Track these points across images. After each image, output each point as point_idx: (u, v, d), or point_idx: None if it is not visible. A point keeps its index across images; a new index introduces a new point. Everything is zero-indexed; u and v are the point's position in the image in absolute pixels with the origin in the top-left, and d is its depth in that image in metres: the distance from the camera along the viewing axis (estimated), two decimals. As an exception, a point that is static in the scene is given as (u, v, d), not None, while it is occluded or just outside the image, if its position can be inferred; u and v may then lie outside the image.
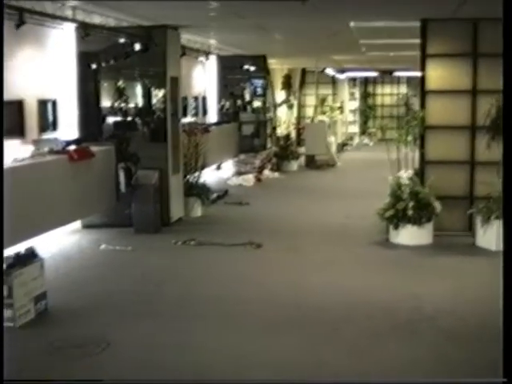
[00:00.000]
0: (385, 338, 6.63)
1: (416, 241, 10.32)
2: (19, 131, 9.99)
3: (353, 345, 6.45)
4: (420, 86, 11.07)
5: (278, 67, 26.19)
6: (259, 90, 21.58)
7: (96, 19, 10.83)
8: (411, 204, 10.22)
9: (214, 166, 18.24)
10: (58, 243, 10.27)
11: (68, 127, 11.33)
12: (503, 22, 4.28)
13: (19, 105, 10.00)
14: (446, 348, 6.33)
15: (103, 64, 11.45)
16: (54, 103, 11.03)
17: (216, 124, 18.75)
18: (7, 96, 9.55)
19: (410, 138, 10.92)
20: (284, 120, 25.39)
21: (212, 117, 19.86)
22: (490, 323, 6.54)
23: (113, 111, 12.06)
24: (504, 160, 4.42)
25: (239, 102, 21.23)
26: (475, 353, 6.21)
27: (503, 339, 3.99)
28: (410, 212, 10.21)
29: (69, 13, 10.08)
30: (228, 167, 19.00)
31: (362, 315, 7.26)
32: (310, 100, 28.67)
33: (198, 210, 12.77)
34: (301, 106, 29.44)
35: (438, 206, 10.36)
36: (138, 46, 11.25)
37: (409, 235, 10.33)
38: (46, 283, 7.41)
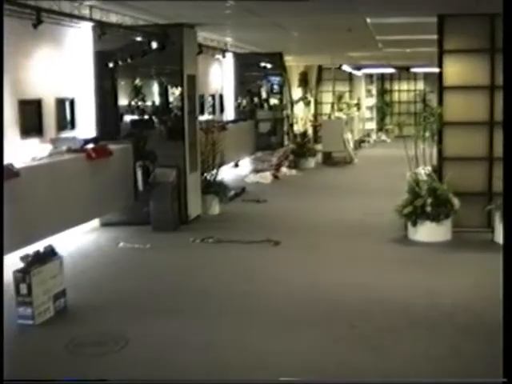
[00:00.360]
0: (403, 334, 6.62)
1: (434, 237, 10.29)
2: (38, 130, 10.05)
3: (371, 342, 6.44)
4: (438, 82, 11.02)
5: (295, 64, 26.19)
6: (276, 88, 21.56)
7: (113, 18, 10.86)
8: (429, 201, 10.18)
9: (232, 164, 18.24)
10: (77, 241, 10.31)
11: (86, 126, 11.37)
12: (503, 20, 4.26)
13: (37, 104, 10.06)
14: (464, 344, 6.31)
15: (120, 62, 11.47)
16: (72, 102, 11.08)
17: (233, 122, 18.76)
18: (26, 95, 9.65)
19: (427, 134, 10.89)
20: (301, 117, 25.41)
21: (229, 114, 19.87)
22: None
23: (130, 109, 12.08)
24: (504, 158, 4.40)
25: (256, 99, 21.23)
26: (492, 349, 6.18)
27: (503, 339, 3.98)
28: (428, 209, 10.17)
29: (86, 12, 10.12)
30: (245, 165, 19.01)
31: (381, 312, 7.25)
32: (327, 97, 28.68)
33: (215, 208, 12.78)
34: (317, 103, 29.46)
35: (456, 202, 10.31)
36: (154, 45, 11.27)
37: (427, 232, 10.29)
38: (65, 281, 7.44)
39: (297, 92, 26.15)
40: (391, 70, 30.94)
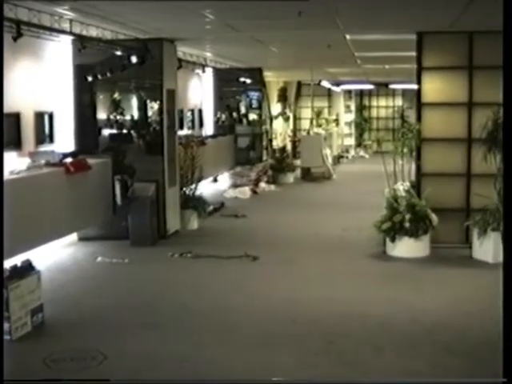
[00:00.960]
0: (381, 350, 6.61)
1: (413, 253, 10.32)
2: (16, 143, 9.98)
3: (348, 358, 6.44)
4: (416, 99, 11.09)
5: (274, 80, 26.27)
6: (255, 103, 21.61)
7: (93, 32, 10.83)
8: (408, 216, 10.22)
9: (211, 179, 18.24)
10: (54, 256, 10.25)
11: (65, 139, 11.32)
12: (503, 35, 4.28)
13: (16, 117, 10.00)
14: (444, 361, 6.31)
15: (99, 76, 11.45)
16: (51, 115, 11.03)
17: (212, 136, 18.77)
18: (5, 108, 9.56)
19: (405, 150, 10.94)
20: (280, 132, 25.44)
21: (208, 129, 19.87)
22: (488, 336, 6.54)
23: (109, 123, 12.07)
24: (504, 173, 4.42)
25: (235, 114, 21.27)
26: (473, 366, 6.20)
27: (503, 339, 3.98)
28: (406, 224, 10.21)
29: (66, 25, 10.08)
30: (224, 179, 19.00)
31: (359, 328, 7.25)
32: (306, 112, 28.74)
33: (194, 223, 12.76)
34: (296, 119, 29.58)
35: (434, 218, 10.36)
36: (134, 59, 11.25)
37: (406, 247, 10.33)
38: (43, 296, 7.38)
39: (276, 107, 26.21)
40: (370, 86, 31.10)
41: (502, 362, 3.95)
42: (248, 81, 20.54)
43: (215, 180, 18.91)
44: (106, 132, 12.07)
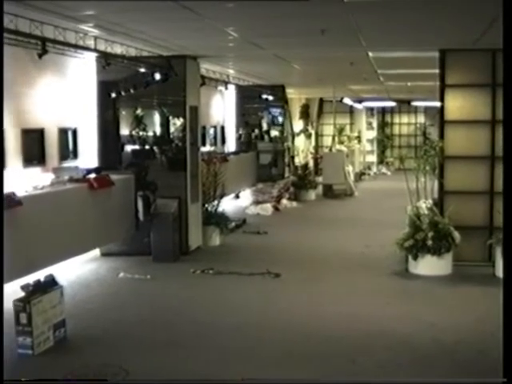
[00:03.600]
0: (403, 370, 6.57)
1: (435, 271, 10.27)
2: (40, 159, 10.08)
3: (371, 377, 6.40)
4: (439, 116, 11.06)
5: (296, 97, 26.33)
6: (277, 120, 21.66)
7: (117, 49, 10.92)
8: (430, 234, 10.18)
9: (233, 195, 18.27)
10: (77, 271, 10.30)
11: (88, 155, 11.40)
12: (503, 51, 4.29)
13: (40, 133, 10.10)
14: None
15: (123, 93, 11.53)
16: (75, 131, 11.13)
17: (234, 153, 18.81)
18: (29, 124, 9.69)
19: (428, 167, 10.90)
20: (302, 149, 25.47)
21: (230, 146, 19.92)
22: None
23: (132, 139, 12.12)
24: (504, 194, 4.40)
25: (257, 131, 21.32)
26: (496, 385, 6.15)
27: (503, 339, 3.94)
28: (429, 242, 10.16)
29: (90, 42, 10.17)
30: (246, 196, 18.99)
31: (381, 347, 7.21)
32: (328, 129, 28.77)
33: (216, 239, 12.77)
34: (318, 136, 29.58)
35: (457, 236, 10.31)
36: (157, 76, 11.32)
37: (428, 265, 10.28)
38: (65, 311, 7.42)
39: (298, 124, 26.25)
40: (392, 104, 31.07)
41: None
42: (270, 98, 20.60)
43: (237, 196, 18.93)
44: (128, 148, 12.12)
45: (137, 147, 12.15)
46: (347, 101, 28.00)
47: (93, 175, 10.22)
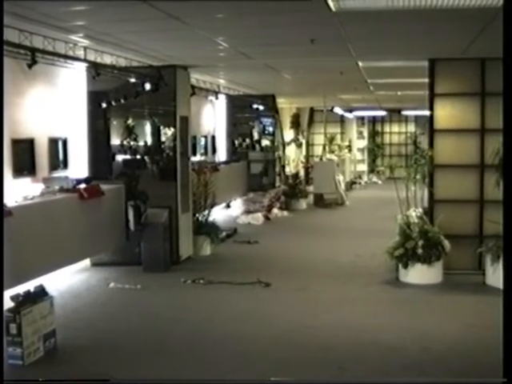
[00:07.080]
0: (394, 378, 6.57)
1: (426, 280, 10.29)
2: (30, 169, 10.04)
3: (362, 384, 6.42)
4: (429, 125, 11.10)
5: (287, 106, 26.39)
6: (268, 129, 21.70)
7: (107, 59, 10.91)
8: (421, 243, 10.20)
9: (223, 205, 18.26)
10: (67, 281, 10.28)
11: (78, 165, 11.38)
12: (503, 62, 4.31)
13: (30, 143, 10.07)
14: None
15: (113, 103, 11.54)
16: (65, 141, 11.11)
17: (225, 163, 18.82)
18: (18, 134, 9.66)
19: (418, 176, 10.93)
20: (293, 158, 25.50)
21: (221, 155, 19.93)
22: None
23: (122, 149, 12.12)
24: (504, 205, 4.42)
25: (248, 140, 21.35)
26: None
27: (503, 339, 3.95)
28: (419, 251, 10.18)
29: (80, 52, 10.17)
30: (237, 205, 18.99)
31: (371, 355, 7.21)
32: (319, 139, 28.85)
33: (207, 249, 12.76)
34: (309, 145, 29.66)
35: (447, 244, 10.33)
36: (148, 86, 11.33)
37: (418, 274, 10.30)
38: (55, 321, 7.40)
39: (289, 134, 26.30)
40: (382, 113, 31.16)
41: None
42: (261, 107, 20.63)
43: (228, 206, 18.93)
44: (119, 158, 12.12)
45: (127, 157, 12.15)
46: (338, 110, 28.08)
47: (83, 185, 10.21)
